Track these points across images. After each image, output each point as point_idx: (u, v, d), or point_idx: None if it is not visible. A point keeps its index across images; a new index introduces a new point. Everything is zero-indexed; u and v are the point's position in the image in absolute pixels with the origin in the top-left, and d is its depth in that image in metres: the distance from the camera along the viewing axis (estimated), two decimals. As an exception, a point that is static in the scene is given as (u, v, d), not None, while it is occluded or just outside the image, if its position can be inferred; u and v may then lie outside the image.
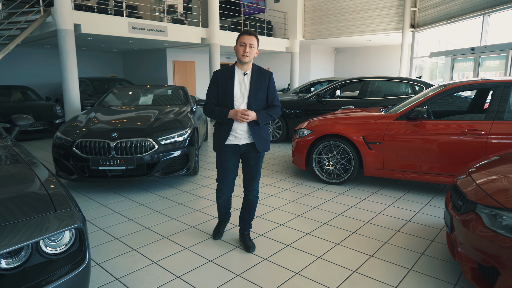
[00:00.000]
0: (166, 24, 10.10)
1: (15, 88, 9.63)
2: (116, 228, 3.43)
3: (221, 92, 2.79)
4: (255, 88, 2.80)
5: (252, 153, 2.89)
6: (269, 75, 2.89)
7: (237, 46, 2.74)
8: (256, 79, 2.80)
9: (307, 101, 7.42)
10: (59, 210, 1.62)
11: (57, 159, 4.50)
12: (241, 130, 2.81)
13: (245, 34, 2.73)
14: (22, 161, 2.08)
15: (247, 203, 3.04)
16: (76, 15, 8.06)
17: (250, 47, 2.71)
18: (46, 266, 1.57)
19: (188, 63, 13.86)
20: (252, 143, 2.85)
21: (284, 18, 14.10)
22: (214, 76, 2.83)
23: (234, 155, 2.89)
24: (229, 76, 2.79)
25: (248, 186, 3.00)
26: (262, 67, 2.94)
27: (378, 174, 4.51)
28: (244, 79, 2.80)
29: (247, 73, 2.81)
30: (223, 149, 2.86)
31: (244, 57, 2.71)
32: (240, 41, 2.73)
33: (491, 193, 2.23)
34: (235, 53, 2.77)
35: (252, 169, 2.93)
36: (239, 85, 2.79)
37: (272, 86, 2.90)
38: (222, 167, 2.92)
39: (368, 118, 4.64)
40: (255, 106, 2.79)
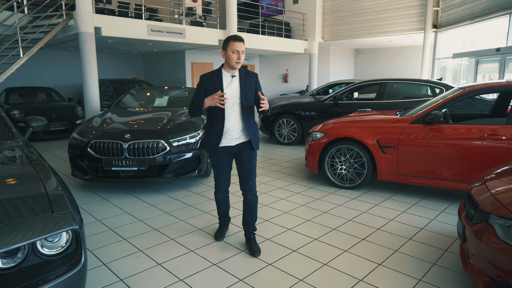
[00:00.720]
0: (184, 27, 10.21)
1: (39, 89, 9.97)
2: (125, 229, 3.47)
3: (210, 94, 2.83)
4: (245, 89, 2.88)
5: (245, 152, 2.95)
6: (255, 76, 2.99)
7: (229, 52, 2.79)
8: (245, 81, 2.90)
9: (322, 104, 7.32)
10: (56, 212, 1.64)
11: (73, 159, 4.61)
12: (234, 130, 2.88)
13: (236, 40, 2.78)
14: (28, 162, 2.13)
15: (248, 205, 3.04)
16: (96, 19, 8.27)
17: (242, 54, 2.80)
18: (42, 267, 1.59)
19: (207, 64, 13.97)
20: (244, 142, 2.94)
21: (303, 19, 13.99)
22: (201, 80, 2.89)
23: (227, 155, 2.97)
24: (218, 80, 2.86)
25: (245, 187, 3.01)
26: (247, 69, 3.01)
27: (392, 179, 4.38)
28: (233, 81, 2.88)
29: (235, 75, 2.89)
30: (217, 151, 2.92)
31: (238, 63, 2.81)
32: (232, 48, 2.77)
33: (506, 203, 2.11)
34: (224, 58, 2.84)
35: (247, 167, 2.97)
36: (229, 87, 2.86)
37: (259, 87, 3.00)
38: (217, 167, 3.03)
39: (382, 121, 4.52)
40: (247, 105, 2.89)
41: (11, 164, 2.15)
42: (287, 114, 7.70)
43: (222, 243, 3.17)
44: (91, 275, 2.64)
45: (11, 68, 6.91)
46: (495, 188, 2.35)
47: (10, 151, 2.36)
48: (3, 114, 2.86)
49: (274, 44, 12.91)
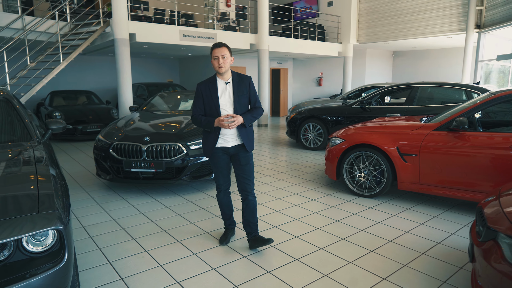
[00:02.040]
0: (215, 31, 10.40)
1: (80, 92, 10.60)
2: (136, 229, 3.58)
3: (207, 102, 2.96)
4: (238, 94, 2.95)
5: (241, 153, 3.02)
6: (248, 80, 3.04)
7: (211, 60, 2.91)
8: (238, 86, 2.96)
9: (349, 108, 7.12)
10: (41, 211, 1.73)
11: (97, 159, 4.84)
12: (230, 134, 2.98)
13: (215, 47, 2.89)
14: (32, 163, 2.26)
15: (249, 206, 3.07)
16: (131, 25, 8.65)
17: (223, 58, 2.87)
18: (27, 263, 1.68)
19: (239, 68, 14.11)
20: (240, 144, 3.01)
21: (337, 21, 13.73)
22: (198, 89, 2.99)
23: (225, 155, 3.04)
24: (212, 87, 2.94)
25: (245, 187, 3.06)
26: (241, 73, 3.04)
27: (413, 188, 4.16)
28: (227, 88, 2.96)
29: (229, 82, 2.97)
30: (214, 151, 3.01)
31: (220, 68, 2.88)
32: (213, 55, 2.89)
33: None
34: (213, 66, 2.91)
35: (244, 168, 3.03)
36: (223, 94, 2.95)
37: (253, 90, 3.05)
38: (216, 167, 3.09)
39: (403, 127, 4.31)
40: (240, 110, 2.96)
41: (16, 164, 2.29)
42: (313, 119, 7.58)
43: (226, 247, 3.17)
44: (96, 272, 2.75)
45: (52, 73, 7.41)
46: (509, 204, 2.14)
47: (22, 151, 2.52)
48: (27, 121, 3.06)
49: (307, 47, 12.78)
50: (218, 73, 2.90)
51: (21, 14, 7.73)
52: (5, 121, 2.92)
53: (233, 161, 3.05)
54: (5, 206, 1.73)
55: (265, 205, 4.25)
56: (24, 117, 3.01)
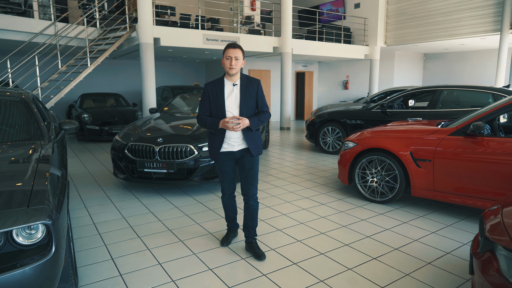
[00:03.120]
0: (238, 35, 10.50)
1: (108, 95, 11.03)
2: (143, 227, 3.67)
3: (213, 103, 2.91)
4: (245, 97, 2.89)
5: (247, 158, 2.96)
6: (257, 83, 2.97)
7: (223, 59, 2.85)
8: (246, 89, 2.90)
9: (369, 112, 6.95)
10: (31, 206, 1.82)
11: (114, 159, 5.01)
12: (235, 138, 2.92)
13: (229, 48, 2.83)
14: (36, 161, 2.38)
15: (249, 210, 3.05)
16: (156, 30, 8.92)
17: (235, 60, 2.81)
18: (17, 255, 1.77)
19: (264, 71, 14.15)
20: (246, 148, 2.94)
21: (364, 24, 13.46)
22: (205, 89, 2.96)
23: (230, 160, 3.00)
24: (219, 88, 2.90)
25: (247, 192, 3.03)
26: (249, 76, 3.00)
27: (427, 195, 3.99)
28: (234, 90, 2.90)
29: (236, 84, 2.91)
30: (219, 156, 2.97)
31: (231, 69, 2.82)
32: (225, 55, 2.83)
33: None
34: (223, 66, 2.85)
35: (249, 173, 2.98)
36: (230, 95, 2.90)
37: (261, 93, 2.98)
38: (221, 171, 3.06)
39: (417, 132, 4.15)
40: (246, 114, 2.89)
41: (20, 161, 2.42)
42: (332, 122, 7.46)
43: (226, 248, 3.18)
44: (97, 268, 2.85)
45: (79, 76, 7.78)
46: (510, 216, 2.01)
47: (30, 149, 2.66)
48: (42, 123, 3.22)
49: (332, 50, 12.62)
50: (228, 74, 2.84)
51: (54, 20, 8.18)
52: (20, 121, 3.10)
53: (238, 164, 3.01)
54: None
55: (273, 208, 4.23)
56: (38, 118, 3.18)
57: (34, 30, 7.83)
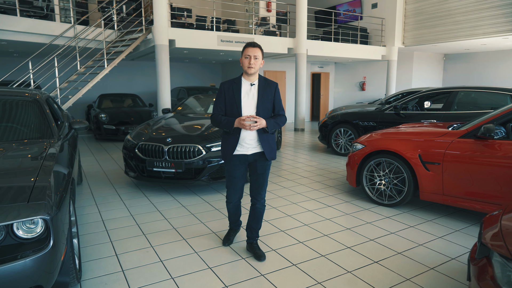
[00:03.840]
0: (253, 36, 10.54)
1: (126, 96, 11.28)
2: (149, 225, 3.74)
3: (229, 102, 2.84)
4: (263, 98, 2.84)
5: (260, 162, 2.91)
6: (275, 86, 2.92)
7: (242, 58, 2.80)
8: (263, 90, 2.85)
9: (382, 113, 6.85)
10: (31, 201, 1.90)
11: (125, 158, 5.13)
12: (249, 139, 2.83)
13: (249, 46, 2.78)
14: (42, 158, 2.48)
15: (255, 212, 3.03)
16: (171, 32, 9.07)
17: (254, 59, 2.76)
18: (17, 247, 1.86)
19: (279, 72, 14.15)
20: (260, 152, 2.88)
21: (381, 24, 13.25)
22: (221, 87, 2.89)
23: (242, 164, 2.92)
24: (236, 88, 2.84)
25: (255, 195, 3.00)
26: (268, 78, 2.93)
27: (436, 199, 3.90)
28: (252, 90, 2.85)
29: (254, 84, 2.86)
30: (232, 159, 2.90)
31: (250, 68, 2.76)
32: (244, 53, 2.78)
33: (509, 239, 1.75)
34: (241, 66, 2.81)
35: (260, 177, 2.94)
36: (247, 96, 2.84)
37: (278, 96, 2.93)
38: (230, 176, 2.97)
39: (427, 134, 4.06)
40: (263, 115, 2.83)
41: (27, 158, 2.52)
42: (344, 124, 7.39)
43: (227, 248, 3.21)
44: (101, 263, 2.93)
45: (96, 77, 8.00)
46: (509, 222, 1.95)
47: (38, 147, 2.77)
48: (52, 122, 3.35)
49: (347, 51, 12.49)
50: (246, 73, 2.79)
51: (73, 23, 8.45)
52: (32, 120, 3.23)
53: (250, 168, 2.95)
54: (0, 195, 1.93)
55: (278, 209, 4.23)
56: (49, 118, 3.30)
57: (54, 33, 8.11)
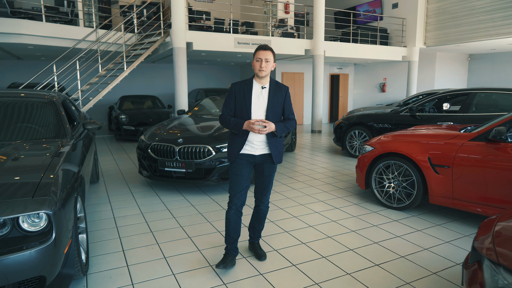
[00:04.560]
0: (269, 38, 10.59)
1: (146, 97, 11.58)
2: (157, 223, 3.85)
3: (238, 104, 2.84)
4: (273, 102, 2.83)
5: (267, 164, 2.89)
6: (286, 89, 2.92)
7: (253, 61, 2.81)
8: (274, 93, 2.84)
9: (397, 115, 6.73)
10: (36, 197, 2.02)
11: (139, 158, 5.29)
12: (257, 141, 2.82)
13: (260, 49, 2.78)
14: (52, 156, 2.62)
15: (258, 213, 3.05)
16: (188, 34, 9.25)
17: (266, 62, 2.75)
18: (22, 239, 1.98)
19: (297, 74, 14.12)
20: (268, 154, 2.86)
21: (402, 24, 12.99)
22: (231, 89, 2.89)
23: (249, 164, 2.88)
24: (247, 90, 2.83)
25: (260, 197, 3.01)
26: (279, 82, 2.93)
27: (446, 203, 3.82)
28: (262, 93, 2.84)
29: (265, 87, 2.84)
30: (238, 157, 2.87)
31: (261, 71, 2.76)
32: (256, 56, 2.79)
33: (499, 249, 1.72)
34: (253, 68, 2.84)
35: (265, 179, 2.93)
36: (257, 98, 2.83)
37: (288, 100, 2.92)
38: (236, 174, 2.87)
39: (436, 136, 3.98)
40: (272, 118, 2.82)
41: (37, 156, 2.67)
42: (359, 126, 7.31)
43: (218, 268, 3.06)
44: (108, 258, 3.05)
45: (116, 80, 8.27)
46: (504, 227, 1.91)
47: (50, 146, 2.93)
48: (68, 126, 3.51)
49: (366, 52, 12.32)
50: (257, 76, 2.78)
51: (95, 28, 8.77)
52: (47, 121, 3.40)
53: (256, 170, 2.93)
54: (8, 190, 2.06)
55: (285, 210, 4.25)
56: (63, 118, 3.46)
57: (77, 37, 8.45)
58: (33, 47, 8.67)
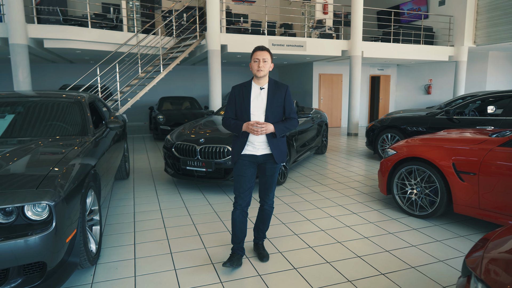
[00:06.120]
0: (305, 39, 10.49)
1: (184, 98, 11.98)
2: (172, 220, 3.98)
3: (238, 106, 2.89)
4: (272, 102, 2.84)
5: (269, 164, 2.91)
6: (285, 88, 2.91)
7: (251, 62, 2.85)
8: (273, 93, 2.86)
9: (433, 118, 6.36)
10: (40, 188, 2.19)
11: (165, 157, 5.50)
12: (258, 141, 2.85)
13: (257, 50, 2.82)
14: (66, 152, 2.82)
15: (263, 214, 3.05)
16: (223, 37, 9.44)
17: (263, 62, 2.79)
18: (27, 226, 2.16)
19: (335, 75, 13.82)
20: (270, 154, 2.88)
21: (449, 22, 12.23)
22: (232, 92, 2.95)
23: (252, 164, 2.91)
24: (246, 91, 2.88)
25: (264, 197, 3.02)
26: (278, 81, 2.93)
27: (471, 213, 3.55)
28: (261, 93, 2.87)
29: (264, 88, 2.88)
30: (241, 158, 2.91)
31: (259, 71, 2.79)
32: (253, 57, 2.83)
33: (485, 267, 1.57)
34: (251, 69, 2.87)
35: (268, 179, 2.95)
36: (256, 99, 2.86)
37: (289, 99, 2.91)
38: (239, 175, 2.91)
39: (462, 141, 3.71)
40: (272, 118, 2.83)
41: (53, 151, 2.89)
42: (392, 129, 7.00)
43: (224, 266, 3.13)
44: (119, 250, 3.21)
45: (152, 81, 8.65)
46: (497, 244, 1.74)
47: (69, 143, 3.15)
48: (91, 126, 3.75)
49: (409, 52, 11.76)
50: (256, 76, 2.82)
51: (136, 32, 9.25)
52: (71, 119, 3.66)
53: (259, 170, 2.95)
54: (18, 181, 2.25)
55: (300, 212, 4.19)
56: (86, 117, 3.70)
57: (119, 41, 8.96)
58: (80, 51, 9.34)
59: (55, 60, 11.81)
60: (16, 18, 7.58)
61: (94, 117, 4.66)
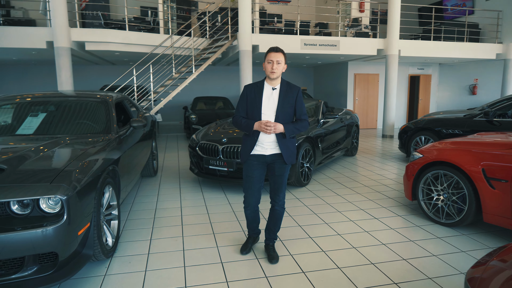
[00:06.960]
0: (338, 38, 10.26)
1: (217, 99, 12.16)
2: (190, 217, 4.06)
3: (250, 106, 2.92)
4: (283, 103, 2.86)
5: (278, 164, 2.92)
6: (297, 90, 2.93)
7: (265, 63, 2.87)
8: (285, 94, 2.88)
9: (470, 120, 5.97)
10: (53, 183, 2.32)
11: (190, 156, 5.62)
12: (267, 142, 2.88)
13: (271, 51, 2.84)
14: (84, 149, 2.96)
15: (273, 214, 3.05)
16: (254, 37, 9.47)
17: (277, 63, 2.81)
18: (41, 218, 2.30)
19: (371, 75, 13.38)
20: (279, 153, 2.90)
21: (497, 17, 11.41)
22: (244, 91, 2.98)
23: (260, 165, 2.94)
24: (258, 91, 2.90)
25: (274, 197, 3.02)
26: (290, 83, 2.92)
27: (502, 223, 3.29)
28: (273, 94, 2.89)
29: (276, 88, 2.90)
30: (250, 158, 2.96)
31: (272, 73, 2.82)
32: (267, 58, 2.84)
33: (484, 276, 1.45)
34: (264, 70, 2.87)
35: (277, 179, 2.95)
36: (268, 99, 2.89)
37: (300, 101, 2.92)
38: (248, 176, 2.98)
39: (494, 145, 3.45)
40: (282, 119, 2.86)
41: (73, 148, 3.04)
42: (426, 131, 6.66)
43: (242, 254, 3.15)
44: (135, 244, 3.33)
45: (185, 82, 8.87)
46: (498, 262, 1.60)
47: (91, 140, 3.31)
48: (115, 125, 3.92)
49: (451, 50, 11.12)
50: (269, 77, 2.85)
51: (171, 34, 9.54)
52: (95, 118, 3.84)
53: (269, 170, 2.98)
54: (35, 175, 2.40)
55: (319, 215, 4.11)
56: (111, 116, 3.87)
57: (155, 43, 9.29)
58: (119, 53, 9.79)
59: (98, 62, 12.48)
60: (60, 23, 8.10)
61: (122, 116, 4.88)
